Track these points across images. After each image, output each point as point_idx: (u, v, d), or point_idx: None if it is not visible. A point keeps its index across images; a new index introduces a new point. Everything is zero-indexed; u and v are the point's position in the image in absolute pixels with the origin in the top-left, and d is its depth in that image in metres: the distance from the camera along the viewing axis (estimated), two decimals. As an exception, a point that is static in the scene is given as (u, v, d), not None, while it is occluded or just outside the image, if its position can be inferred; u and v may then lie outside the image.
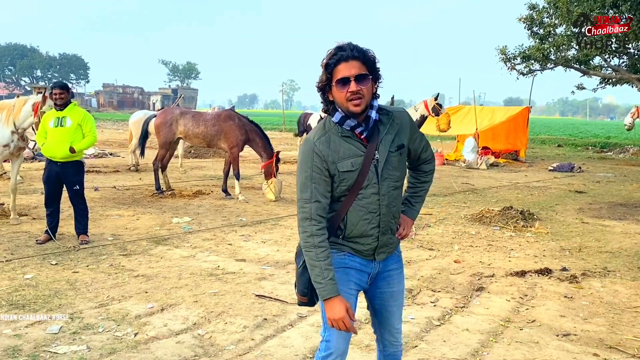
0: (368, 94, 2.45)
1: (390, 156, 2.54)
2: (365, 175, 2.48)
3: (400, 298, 2.81)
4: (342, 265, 2.62)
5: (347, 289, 2.62)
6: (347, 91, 2.41)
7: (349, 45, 2.44)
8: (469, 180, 14.69)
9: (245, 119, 10.68)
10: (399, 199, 2.67)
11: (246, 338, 4.22)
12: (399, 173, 2.60)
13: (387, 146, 2.53)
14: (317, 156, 2.48)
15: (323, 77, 2.49)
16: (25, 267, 5.84)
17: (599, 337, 4.41)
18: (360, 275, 2.66)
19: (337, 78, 2.42)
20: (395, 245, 2.75)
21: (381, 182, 2.52)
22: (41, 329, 4.26)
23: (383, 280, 2.72)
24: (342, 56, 2.42)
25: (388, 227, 2.61)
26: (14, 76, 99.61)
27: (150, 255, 6.44)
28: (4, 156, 7.52)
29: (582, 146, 30.04)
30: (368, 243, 2.59)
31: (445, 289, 5.51)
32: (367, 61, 2.45)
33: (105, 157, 18.02)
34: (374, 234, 2.57)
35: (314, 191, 2.49)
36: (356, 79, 2.40)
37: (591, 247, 7.38)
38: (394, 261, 2.75)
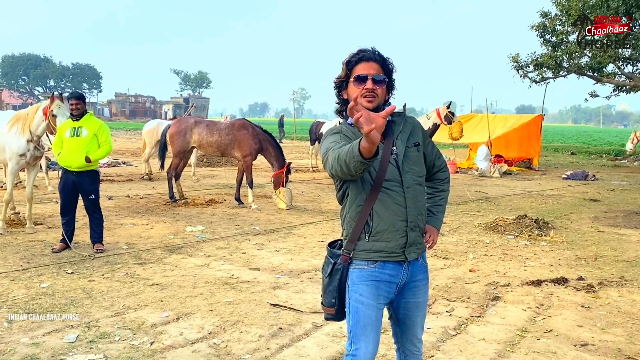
0: (382, 95, 2.57)
1: (408, 151, 2.62)
2: (385, 169, 2.53)
3: (424, 309, 2.82)
4: (373, 279, 2.61)
5: (377, 303, 2.63)
6: (362, 88, 2.53)
7: (372, 49, 2.61)
8: (482, 188, 14.63)
9: (259, 129, 10.73)
10: (423, 196, 2.71)
11: (262, 347, 4.22)
12: (419, 169, 2.66)
13: (404, 141, 2.63)
14: (343, 134, 2.57)
15: (342, 73, 2.62)
16: (42, 275, 5.88)
17: (618, 347, 4.36)
18: (389, 288, 2.66)
19: (355, 75, 2.55)
20: (423, 248, 2.76)
21: (403, 175, 2.57)
22: (58, 338, 4.28)
23: (410, 290, 2.72)
24: (363, 56, 2.57)
25: (416, 223, 2.62)
26: (27, 86, 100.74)
27: (165, 264, 6.47)
28: (21, 165, 7.59)
29: (596, 154, 29.84)
30: (396, 239, 2.58)
31: (460, 298, 5.47)
32: (386, 67, 2.60)
33: (118, 166, 18.15)
34: (401, 228, 2.57)
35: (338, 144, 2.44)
36: (373, 78, 2.53)
37: (607, 256, 7.31)
38: (421, 271, 2.75)
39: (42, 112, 7.22)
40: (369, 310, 2.61)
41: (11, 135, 7.41)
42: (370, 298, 2.59)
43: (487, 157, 18.19)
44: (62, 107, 7.12)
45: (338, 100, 2.68)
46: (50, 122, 7.11)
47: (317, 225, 9.04)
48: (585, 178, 17.46)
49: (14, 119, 7.53)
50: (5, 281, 5.63)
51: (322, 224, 9.20)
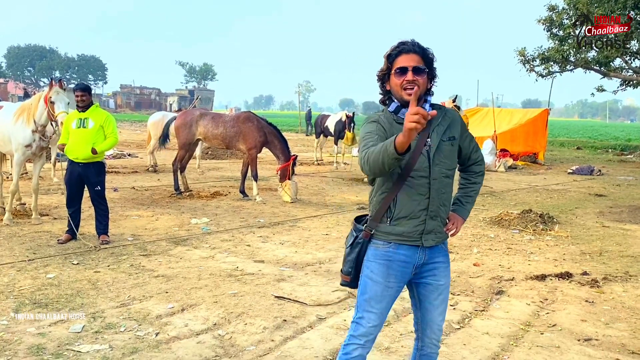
0: (423, 85, 2.64)
1: (442, 144, 2.70)
2: (416, 159, 2.63)
3: (444, 293, 2.87)
4: (385, 258, 2.74)
5: (385, 281, 2.76)
6: (404, 80, 2.62)
7: (412, 41, 2.68)
8: (487, 182, 14.60)
9: (264, 121, 10.74)
10: (449, 188, 2.77)
11: (266, 339, 4.24)
12: (450, 162, 2.74)
13: (439, 135, 2.70)
14: (380, 125, 2.68)
15: (384, 66, 2.71)
16: (48, 266, 5.92)
17: (621, 342, 4.36)
18: (402, 268, 2.76)
19: (397, 67, 2.64)
20: (444, 236, 2.82)
21: (432, 167, 2.66)
22: (64, 328, 4.31)
23: (429, 271, 2.81)
24: (403, 49, 2.65)
25: (437, 213, 2.71)
26: (33, 77, 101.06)
27: (170, 256, 6.50)
28: (27, 156, 7.62)
29: (602, 149, 29.73)
30: (415, 225, 2.68)
31: (464, 292, 5.48)
32: (426, 57, 2.67)
33: (123, 158, 18.20)
34: (421, 216, 2.68)
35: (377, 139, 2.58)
36: (413, 69, 2.61)
37: (612, 251, 7.30)
38: (440, 254, 2.82)
39: (43, 100, 7.22)
40: (376, 286, 2.76)
41: (17, 126, 7.44)
42: (380, 276, 2.75)
43: (492, 151, 18.15)
44: (61, 93, 7.11)
45: (381, 91, 2.78)
46: (50, 109, 7.09)
47: (322, 219, 9.05)
48: (590, 173, 17.40)
49: (20, 110, 7.55)
50: (12, 271, 5.67)
51: (327, 217, 9.21)
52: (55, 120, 7.06)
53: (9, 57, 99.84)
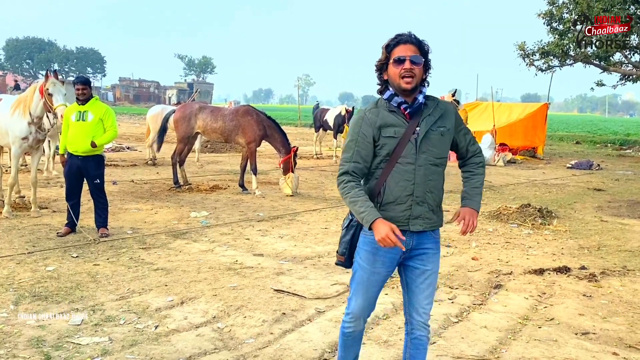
0: (419, 74, 2.79)
1: (431, 134, 2.81)
2: (403, 146, 2.78)
3: (431, 278, 2.97)
4: (372, 246, 2.86)
5: (372, 268, 2.91)
6: (401, 68, 2.76)
7: (409, 33, 2.84)
8: (486, 177, 14.50)
9: (263, 115, 10.73)
10: (438, 176, 2.87)
11: (265, 332, 4.26)
12: (438, 151, 2.84)
13: (428, 125, 2.81)
14: (365, 123, 2.84)
15: (382, 57, 2.85)
16: (47, 259, 5.93)
17: (619, 336, 4.39)
18: (391, 254, 2.88)
19: (394, 57, 2.78)
20: (434, 223, 2.91)
21: (419, 154, 2.79)
22: (64, 321, 4.33)
23: (417, 256, 2.92)
24: (401, 39, 2.80)
25: (423, 199, 2.83)
26: (31, 69, 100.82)
27: (169, 249, 6.51)
28: (24, 149, 7.61)
29: (601, 143, 29.72)
30: (402, 210, 2.82)
31: (463, 286, 5.50)
32: (422, 48, 2.82)
33: (122, 151, 18.19)
34: (407, 201, 2.81)
35: (356, 153, 2.84)
36: (411, 59, 2.75)
37: (610, 245, 7.32)
38: (430, 241, 2.93)
39: (39, 91, 7.20)
40: (363, 272, 2.94)
41: (14, 118, 7.43)
42: (366, 263, 2.91)
43: (491, 146, 18.15)
44: (57, 85, 7.09)
45: (379, 81, 2.91)
46: (47, 101, 7.07)
47: (321, 212, 9.06)
48: (589, 167, 17.42)
49: (16, 102, 7.55)
50: (11, 264, 5.68)
51: (326, 211, 9.23)
52: (54, 112, 7.04)
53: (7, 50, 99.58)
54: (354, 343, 3.15)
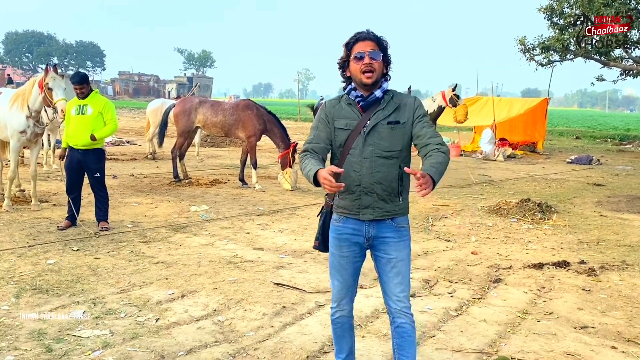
0: (379, 69, 2.94)
1: (379, 127, 2.94)
2: (353, 138, 2.95)
3: (399, 266, 3.04)
4: (336, 233, 3.09)
5: (339, 252, 3.09)
6: (362, 64, 2.90)
7: (367, 30, 2.99)
8: (486, 171, 14.63)
9: (263, 109, 10.72)
10: (387, 169, 2.94)
11: (265, 325, 4.28)
12: (388, 144, 2.93)
13: (378, 118, 2.95)
14: (324, 113, 3.08)
15: (343, 54, 3.01)
16: (48, 252, 5.95)
17: (617, 330, 4.41)
18: (352, 237, 3.05)
19: (355, 53, 2.93)
20: (387, 212, 3.00)
21: (365, 146, 2.93)
22: (65, 314, 4.34)
23: (379, 245, 3.05)
24: (360, 37, 2.96)
25: (371, 189, 2.94)
26: (31, 63, 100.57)
27: (170, 243, 6.53)
28: (22, 143, 7.60)
29: (601, 138, 29.72)
30: (353, 199, 2.98)
31: (462, 280, 5.52)
32: (380, 44, 2.96)
33: (122, 145, 18.19)
34: (355, 191, 2.96)
35: (316, 136, 3.06)
36: (370, 54, 2.90)
37: (609, 240, 7.34)
38: (389, 230, 3.03)
39: (38, 85, 7.19)
40: (333, 258, 3.13)
41: (12, 112, 7.43)
42: (334, 248, 3.11)
43: (491, 141, 18.16)
44: (57, 79, 7.08)
45: (343, 78, 3.07)
46: (47, 95, 7.06)
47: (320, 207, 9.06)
48: (589, 162, 17.42)
49: (15, 96, 7.54)
50: (12, 257, 5.70)
51: (326, 205, 9.22)
52: (54, 107, 7.03)
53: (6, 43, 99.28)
54: (343, 332, 3.26)
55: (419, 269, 5.83)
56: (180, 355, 3.73)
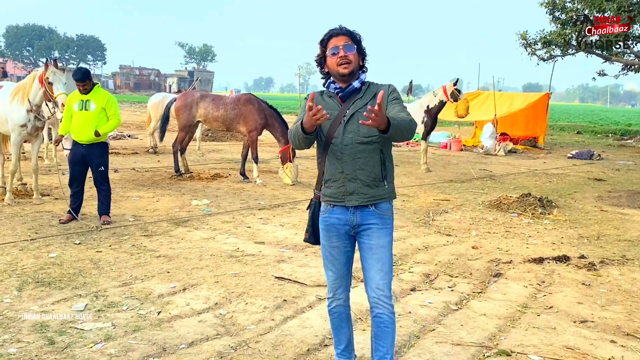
0: (355, 60, 3.04)
1: (358, 115, 3.01)
2: (335, 127, 3.05)
3: (379, 253, 3.08)
4: (325, 224, 3.16)
5: (329, 243, 3.18)
6: (337, 57, 3.01)
7: (339, 26, 3.10)
8: (487, 166, 14.63)
9: (265, 104, 10.72)
10: (368, 154, 3.02)
11: (266, 318, 4.30)
12: (367, 130, 2.97)
13: (357, 107, 3.04)
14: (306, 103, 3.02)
15: (320, 52, 3.12)
16: (50, 246, 5.97)
17: (617, 324, 4.43)
18: (339, 227, 3.12)
19: (330, 47, 3.04)
20: (371, 198, 3.05)
21: (345, 134, 3.03)
22: (67, 306, 4.37)
23: (363, 232, 3.11)
24: (333, 32, 3.06)
25: (354, 176, 3.03)
26: (32, 57, 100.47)
27: (171, 237, 6.55)
28: (23, 136, 7.61)
29: (602, 133, 29.71)
30: (337, 187, 3.06)
31: (462, 274, 5.54)
32: (354, 38, 3.06)
33: (123, 139, 18.20)
34: (340, 178, 3.05)
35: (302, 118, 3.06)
36: (344, 47, 3.01)
37: (610, 235, 7.35)
38: (373, 217, 3.08)
39: (38, 80, 7.20)
40: (325, 249, 3.23)
41: (13, 106, 7.44)
42: (324, 239, 3.20)
43: (492, 135, 18.15)
44: (58, 74, 7.08)
45: (322, 74, 3.18)
46: (47, 90, 7.06)
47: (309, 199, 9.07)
48: (590, 157, 17.43)
49: (15, 90, 7.55)
50: (14, 250, 5.72)
51: (327, 199, 9.23)
52: (55, 101, 7.04)
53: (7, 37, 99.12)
54: (341, 323, 3.32)
55: (419, 263, 5.85)
56: (182, 348, 3.75)
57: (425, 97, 13.79)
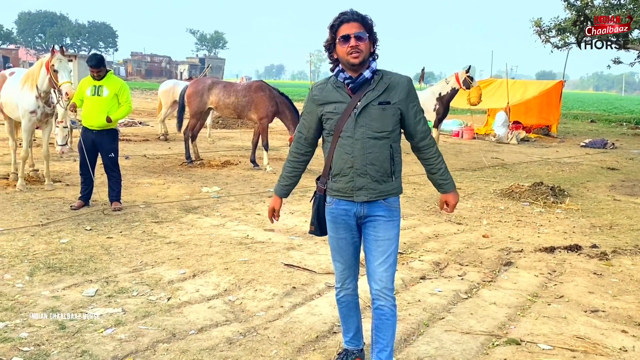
0: (366, 49, 2.89)
1: (370, 108, 2.91)
2: (344, 120, 2.93)
3: (385, 246, 3.03)
4: (331, 215, 3.11)
5: (336, 235, 3.13)
6: (348, 46, 2.86)
7: (351, 10, 2.93)
8: (499, 155, 14.53)
9: (276, 91, 10.68)
10: (379, 149, 2.94)
11: (275, 305, 4.31)
12: (379, 125, 2.92)
13: (369, 99, 2.91)
14: (310, 99, 3.09)
15: (329, 37, 2.96)
16: (61, 231, 6.01)
17: (628, 314, 4.39)
18: (345, 219, 3.07)
19: (340, 35, 2.88)
20: (380, 193, 2.99)
21: (356, 128, 2.91)
22: (78, 292, 4.40)
23: (369, 223, 3.05)
24: (344, 18, 2.89)
25: (364, 171, 2.94)
26: (44, 44, 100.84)
27: (181, 223, 6.57)
28: (33, 123, 7.64)
29: (616, 122, 29.36)
30: (346, 182, 2.98)
31: (473, 263, 5.51)
32: (365, 24, 2.90)
33: (135, 126, 18.25)
34: (349, 173, 2.96)
35: (302, 125, 3.15)
36: (355, 36, 2.86)
37: (622, 224, 7.28)
38: (381, 209, 3.02)
39: (45, 66, 7.20)
40: (332, 240, 3.18)
41: (23, 93, 7.46)
42: (331, 230, 3.15)
43: (505, 124, 17.99)
44: (63, 61, 7.06)
45: (330, 60, 3.01)
46: (52, 77, 7.04)
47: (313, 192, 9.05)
48: (604, 146, 17.24)
49: (25, 77, 7.57)
50: (26, 236, 5.76)
51: (337, 187, 9.21)
52: (59, 89, 7.00)
53: (19, 24, 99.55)
54: (349, 312, 3.31)
55: (429, 251, 5.82)
56: (192, 334, 3.77)
57: (438, 85, 13.69)
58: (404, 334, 3.88)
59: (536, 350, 3.73)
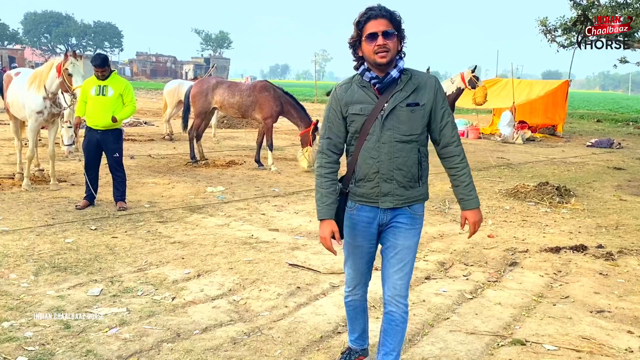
0: (393, 48, 2.73)
1: (398, 110, 2.77)
2: (371, 123, 2.78)
3: (402, 254, 2.94)
4: (351, 221, 2.98)
5: (354, 241, 3.02)
6: (375, 45, 2.70)
7: (379, 6, 2.75)
8: (505, 154, 14.49)
9: (281, 91, 10.66)
10: (407, 153, 2.81)
11: (280, 305, 4.31)
12: (407, 128, 2.78)
13: (397, 101, 2.77)
14: (334, 100, 2.89)
15: (354, 34, 2.79)
16: (66, 231, 6.02)
17: (634, 314, 4.36)
18: (366, 226, 2.95)
19: (367, 33, 2.71)
20: (407, 199, 2.88)
21: (383, 131, 2.78)
22: (83, 291, 4.41)
23: (390, 230, 2.95)
24: (371, 15, 2.72)
25: (391, 176, 2.82)
26: (49, 44, 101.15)
27: (186, 223, 6.57)
28: (39, 123, 7.67)
29: (623, 121, 29.21)
30: (371, 187, 2.86)
31: (478, 263, 5.50)
32: (394, 21, 2.74)
33: (140, 126, 18.29)
34: (374, 178, 2.83)
35: (327, 129, 2.93)
36: (383, 34, 2.70)
37: (629, 224, 7.24)
38: (405, 217, 2.92)
39: (56, 69, 7.23)
40: (348, 246, 3.07)
41: (30, 93, 7.49)
42: (349, 236, 3.02)
43: (510, 123, 17.93)
44: (77, 66, 7.11)
45: (355, 58, 2.85)
46: (65, 81, 7.09)
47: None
48: (610, 146, 17.15)
49: (32, 77, 7.60)
50: (31, 236, 5.78)
51: (342, 186, 9.20)
52: (73, 92, 7.08)
53: (25, 24, 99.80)
54: (356, 314, 3.26)
55: (434, 251, 5.81)
56: (196, 334, 3.77)
57: (443, 84, 13.64)
58: (408, 334, 3.86)
59: (541, 350, 3.71)
